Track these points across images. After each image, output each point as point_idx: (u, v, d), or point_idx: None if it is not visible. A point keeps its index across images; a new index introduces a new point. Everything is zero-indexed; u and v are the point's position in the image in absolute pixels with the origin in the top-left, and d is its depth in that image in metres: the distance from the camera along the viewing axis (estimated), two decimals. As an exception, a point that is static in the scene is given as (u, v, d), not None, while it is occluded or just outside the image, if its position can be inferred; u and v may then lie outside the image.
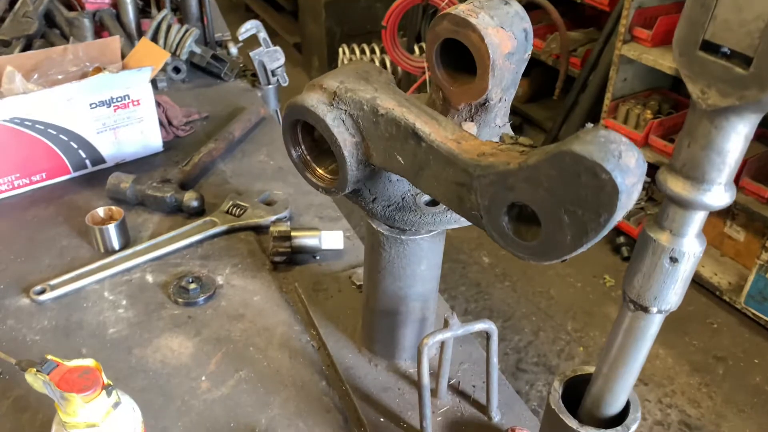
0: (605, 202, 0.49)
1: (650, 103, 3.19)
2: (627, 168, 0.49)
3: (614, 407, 0.62)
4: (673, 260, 0.52)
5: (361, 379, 1.02)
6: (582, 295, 2.93)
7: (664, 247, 0.52)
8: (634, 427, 0.61)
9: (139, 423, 0.71)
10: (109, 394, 0.67)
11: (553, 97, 3.79)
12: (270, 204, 1.39)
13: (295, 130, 0.75)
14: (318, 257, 1.29)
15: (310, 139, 0.77)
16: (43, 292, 1.14)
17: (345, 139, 0.68)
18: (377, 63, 4.25)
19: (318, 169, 0.77)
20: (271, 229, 1.25)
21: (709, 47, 0.47)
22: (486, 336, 0.93)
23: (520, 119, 4.33)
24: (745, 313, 2.80)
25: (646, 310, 0.55)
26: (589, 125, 0.53)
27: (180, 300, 1.15)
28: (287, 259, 1.26)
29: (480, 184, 0.58)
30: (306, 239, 1.26)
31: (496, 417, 0.97)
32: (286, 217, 1.35)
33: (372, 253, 0.94)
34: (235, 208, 1.36)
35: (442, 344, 0.94)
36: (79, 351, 1.05)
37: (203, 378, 1.02)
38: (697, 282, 2.97)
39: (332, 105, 0.68)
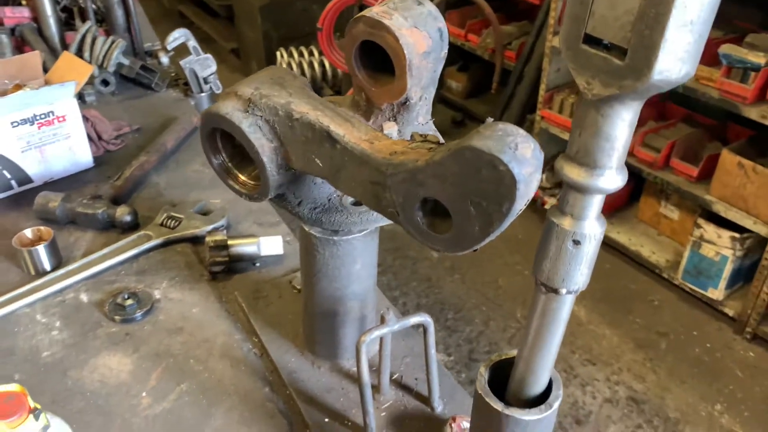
0: (505, 193, 0.51)
1: (583, 92, 3.29)
2: (523, 159, 0.51)
3: (537, 387, 0.65)
4: (576, 243, 0.55)
5: (304, 382, 1.03)
6: (529, 281, 3.01)
7: (566, 231, 0.55)
8: (556, 405, 0.64)
9: (71, 445, 0.70)
10: (36, 417, 0.66)
11: (491, 90, 3.87)
12: (206, 214, 1.37)
13: (214, 138, 0.75)
14: (258, 264, 1.28)
15: (230, 146, 0.77)
16: (-31, 320, 1.10)
17: (263, 144, 0.69)
18: (316, 65, 4.25)
19: (240, 175, 0.77)
20: (207, 239, 1.24)
21: (591, 40, 0.49)
22: (423, 329, 0.95)
23: (461, 114, 4.40)
24: (683, 288, 2.92)
25: (556, 292, 0.58)
26: (490, 120, 0.55)
27: (117, 317, 1.12)
28: (226, 269, 1.25)
29: (393, 182, 0.59)
30: (244, 247, 1.26)
31: (438, 407, 0.99)
32: (223, 226, 1.34)
33: (306, 255, 0.95)
34: (169, 220, 1.34)
35: (382, 340, 0.96)
36: (11, 377, 1.01)
37: (144, 394, 1.00)
38: (638, 261, 3.08)
39: (248, 111, 0.69)
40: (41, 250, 1.21)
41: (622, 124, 0.50)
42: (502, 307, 2.85)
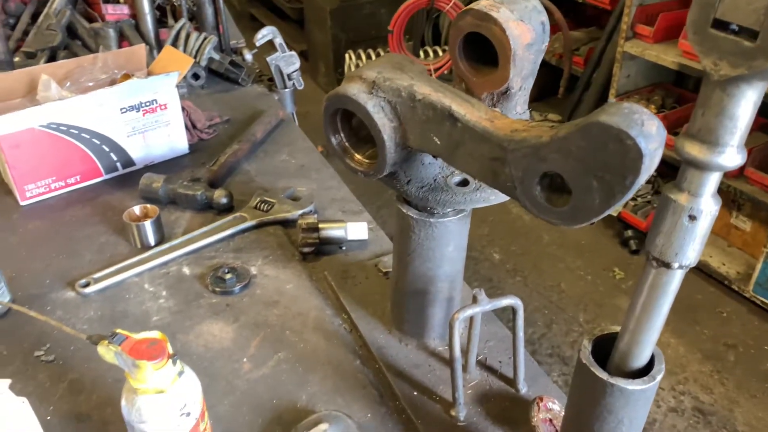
0: (630, 166, 0.55)
1: (654, 98, 3.25)
2: (649, 134, 0.55)
3: (640, 360, 0.68)
4: (692, 218, 0.58)
5: (393, 358, 1.08)
6: (592, 287, 2.99)
7: (683, 206, 0.58)
8: (659, 377, 0.67)
9: (200, 392, 0.77)
10: (174, 363, 0.73)
11: (558, 95, 3.85)
12: (295, 199, 1.45)
13: (335, 118, 0.81)
14: (344, 248, 1.35)
15: (348, 127, 0.83)
16: (87, 285, 1.20)
17: (384, 124, 0.75)
18: (383, 67, 4.32)
19: (356, 155, 0.83)
20: (299, 221, 1.32)
21: (720, 25, 0.53)
22: (512, 311, 0.99)
23: (524, 119, 4.39)
24: (754, 301, 2.84)
25: (668, 266, 0.61)
26: (612, 100, 0.58)
27: (217, 289, 1.21)
28: (315, 250, 1.32)
29: (514, 158, 0.64)
30: (333, 230, 1.32)
31: (523, 389, 1.03)
32: (311, 211, 1.41)
33: (402, 236, 1.00)
34: (262, 204, 1.42)
35: (471, 321, 1.00)
36: (126, 338, 1.11)
37: (245, 360, 1.07)
38: (706, 272, 3.01)
39: (372, 93, 0.75)
40: (148, 225, 1.31)
41: (746, 103, 0.53)
42: (564, 311, 2.84)
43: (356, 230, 1.34)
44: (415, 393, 1.02)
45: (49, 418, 0.96)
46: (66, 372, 1.04)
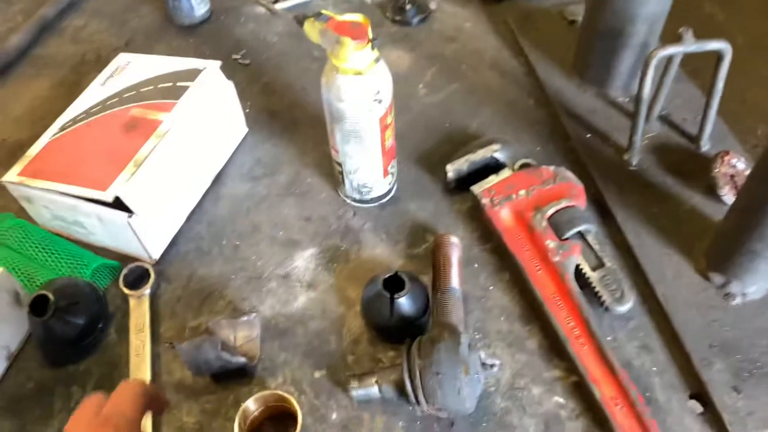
0: None
1: None
2: None
3: None
4: None
5: (569, 101, 1.05)
6: (782, 101, 2.65)
7: None
8: None
9: (390, 84, 0.81)
10: (373, 47, 0.76)
11: None
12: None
13: None
14: (528, -6, 1.27)
15: None
16: (276, 2, 1.25)
17: None
18: None
19: None
20: (485, -42, 1.24)
21: None
22: (717, 58, 0.91)
23: None
24: None
25: None
26: None
27: (397, 18, 1.21)
28: (497, -7, 1.25)
29: None
30: (519, -28, 1.24)
31: (705, 146, 0.98)
32: (498, -50, 1.32)
33: (606, -36, 0.91)
34: (445, -60, 1.34)
35: (667, 64, 0.93)
36: (310, 53, 1.17)
37: (420, 85, 1.10)
38: None
39: None
40: (333, -50, 1.30)
41: None
42: (742, 122, 2.58)
43: (544, -26, 1.24)
44: (588, 135, 1.00)
45: (247, 110, 1.07)
46: (260, 75, 1.13)
